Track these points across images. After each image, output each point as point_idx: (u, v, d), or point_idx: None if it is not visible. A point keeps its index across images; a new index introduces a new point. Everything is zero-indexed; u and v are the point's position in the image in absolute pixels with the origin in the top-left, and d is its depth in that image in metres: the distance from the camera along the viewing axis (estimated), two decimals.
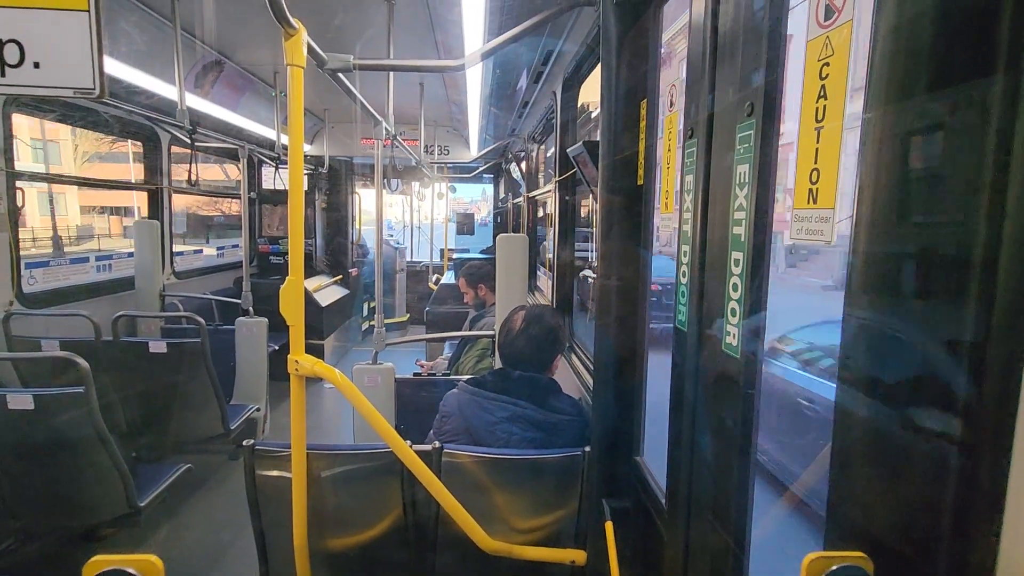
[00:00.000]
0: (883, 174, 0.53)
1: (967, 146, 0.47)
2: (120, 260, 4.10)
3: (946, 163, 0.49)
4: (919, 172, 0.51)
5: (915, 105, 0.50)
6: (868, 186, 0.55)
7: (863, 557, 0.36)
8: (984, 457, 0.44)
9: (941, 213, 0.49)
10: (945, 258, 0.48)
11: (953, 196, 0.49)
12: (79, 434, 2.10)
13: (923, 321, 0.50)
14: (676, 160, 1.18)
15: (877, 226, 0.54)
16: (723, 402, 0.92)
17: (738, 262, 0.87)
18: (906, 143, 0.51)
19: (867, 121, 0.55)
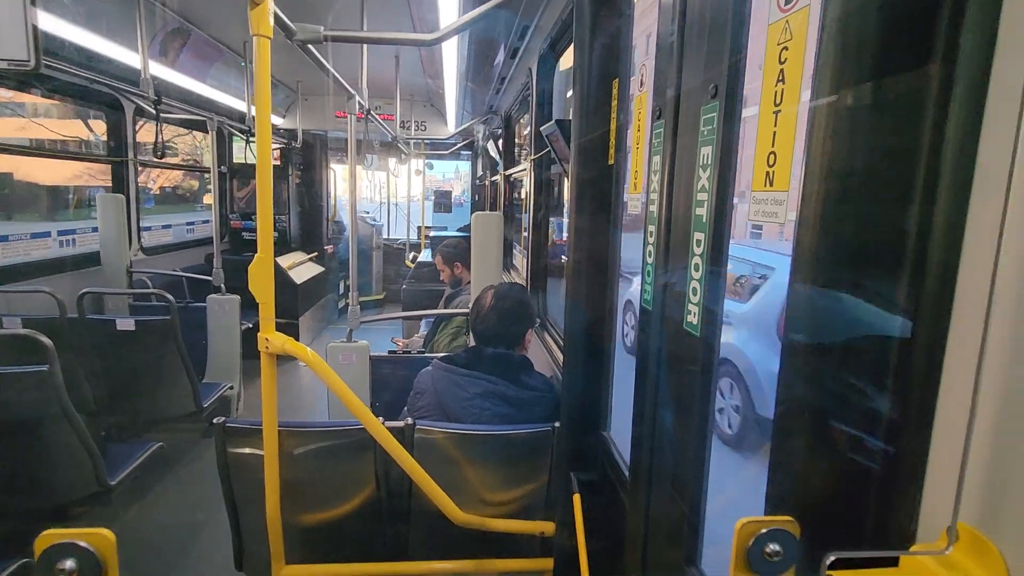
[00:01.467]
0: (828, 159, 0.55)
1: (905, 131, 0.49)
2: (84, 235, 3.98)
3: (885, 149, 0.51)
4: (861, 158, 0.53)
5: (858, 93, 0.51)
6: (814, 169, 0.57)
7: (790, 521, 0.39)
8: (909, 428, 0.47)
9: (879, 196, 0.52)
10: (881, 242, 0.51)
11: (891, 181, 0.51)
12: (44, 413, 2.07)
13: (860, 302, 0.52)
14: (645, 140, 1.19)
15: (821, 207, 0.56)
16: (683, 378, 0.95)
17: (700, 243, 0.89)
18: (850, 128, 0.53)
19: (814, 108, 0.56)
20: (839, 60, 0.53)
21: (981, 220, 0.42)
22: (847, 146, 0.53)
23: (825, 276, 0.55)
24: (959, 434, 0.42)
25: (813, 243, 0.56)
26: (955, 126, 0.44)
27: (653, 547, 1.07)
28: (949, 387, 0.44)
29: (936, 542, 0.44)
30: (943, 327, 0.44)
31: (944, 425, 0.45)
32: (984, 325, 0.39)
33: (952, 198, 0.44)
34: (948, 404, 0.44)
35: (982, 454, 0.41)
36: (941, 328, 0.44)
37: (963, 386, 0.42)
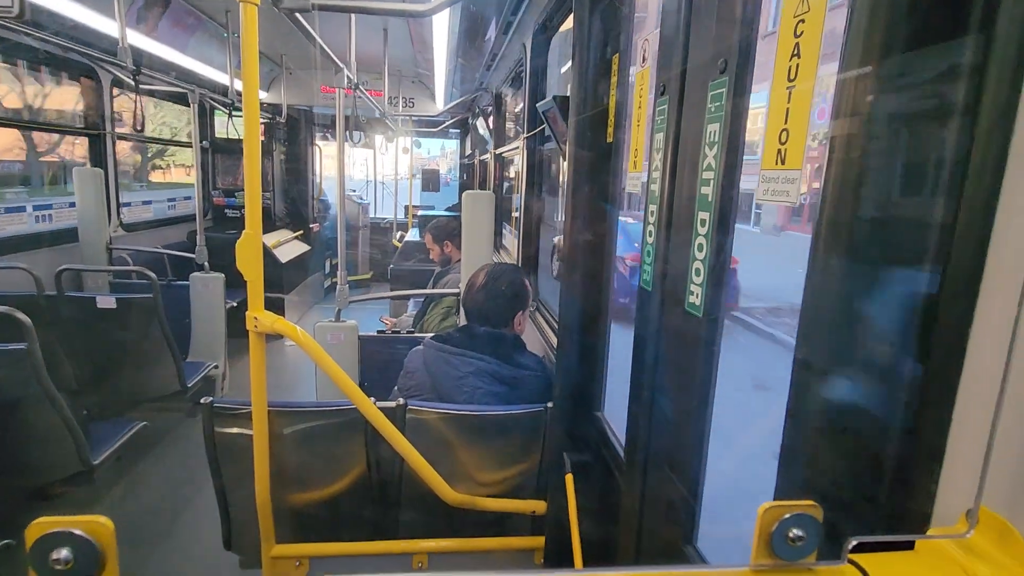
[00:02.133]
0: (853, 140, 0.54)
1: (937, 110, 0.47)
2: (61, 210, 3.86)
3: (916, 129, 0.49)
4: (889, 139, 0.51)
5: (889, 67, 0.49)
6: (839, 149, 0.55)
7: (813, 505, 0.38)
8: (929, 412, 0.47)
9: (907, 174, 0.50)
10: (907, 223, 0.49)
11: (920, 158, 0.49)
12: (23, 392, 2.01)
13: (881, 284, 0.51)
14: (646, 117, 1.16)
15: (846, 191, 0.54)
16: (684, 361, 0.94)
17: (704, 222, 0.88)
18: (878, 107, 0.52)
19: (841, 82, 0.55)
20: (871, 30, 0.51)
21: (1013, 202, 0.41)
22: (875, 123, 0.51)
23: (845, 256, 0.53)
24: (984, 415, 0.41)
25: (834, 222, 0.55)
26: (991, 102, 0.42)
27: (649, 527, 1.08)
28: (973, 368, 0.43)
29: (956, 526, 0.43)
30: (969, 307, 0.43)
31: (966, 407, 0.44)
32: (1019, 305, 0.38)
33: (984, 179, 0.43)
34: (971, 385, 0.44)
35: (1007, 436, 0.41)
36: (967, 308, 0.43)
37: (989, 368, 0.41)
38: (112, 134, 4.04)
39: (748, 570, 0.40)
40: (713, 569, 0.41)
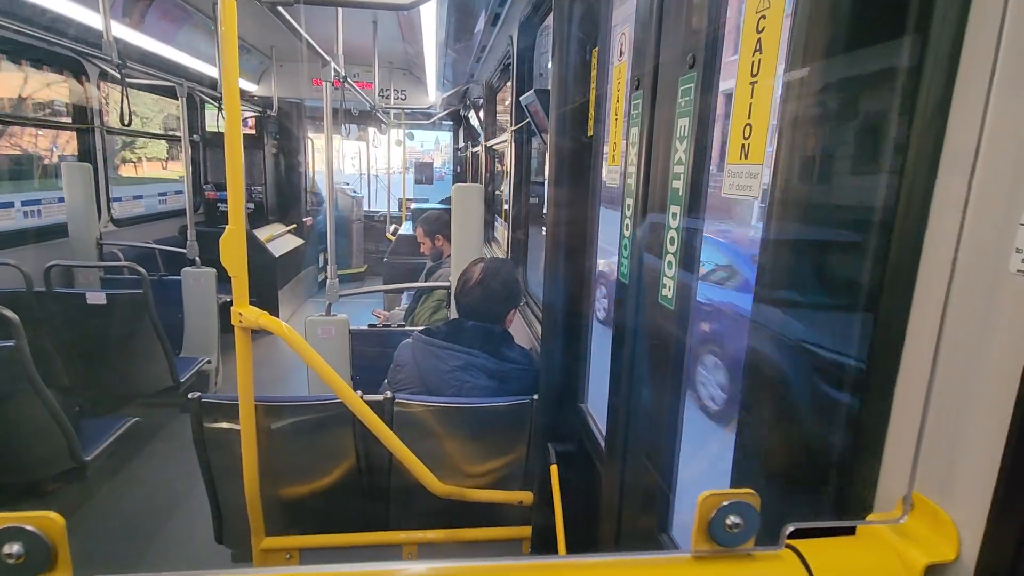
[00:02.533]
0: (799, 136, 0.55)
1: (876, 106, 0.48)
2: (50, 205, 3.85)
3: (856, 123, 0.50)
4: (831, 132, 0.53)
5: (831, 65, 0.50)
6: (786, 143, 0.56)
7: (751, 493, 0.39)
8: (871, 403, 0.48)
9: (849, 171, 0.51)
10: (848, 218, 0.51)
11: (861, 155, 0.50)
12: (12, 389, 2.02)
13: (826, 278, 0.53)
14: (624, 112, 1.17)
15: (792, 184, 0.55)
16: (657, 351, 0.96)
17: (675, 215, 0.89)
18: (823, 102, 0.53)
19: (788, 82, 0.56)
20: (812, 31, 0.52)
21: (947, 197, 0.42)
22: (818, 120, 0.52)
23: (793, 251, 0.55)
24: (917, 408, 0.42)
25: (782, 217, 0.56)
26: (925, 101, 0.43)
27: (627, 515, 1.10)
28: (910, 362, 0.45)
29: (892, 511, 0.45)
30: (906, 303, 0.45)
31: (903, 399, 0.45)
32: (944, 302, 0.39)
33: (920, 174, 0.44)
34: (908, 379, 0.45)
35: (938, 427, 0.42)
36: (903, 304, 0.45)
37: (923, 361, 0.43)
38: (100, 128, 4.02)
39: (689, 556, 0.42)
40: (658, 555, 0.43)
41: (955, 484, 0.41)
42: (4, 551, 0.33)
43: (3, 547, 0.33)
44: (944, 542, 0.41)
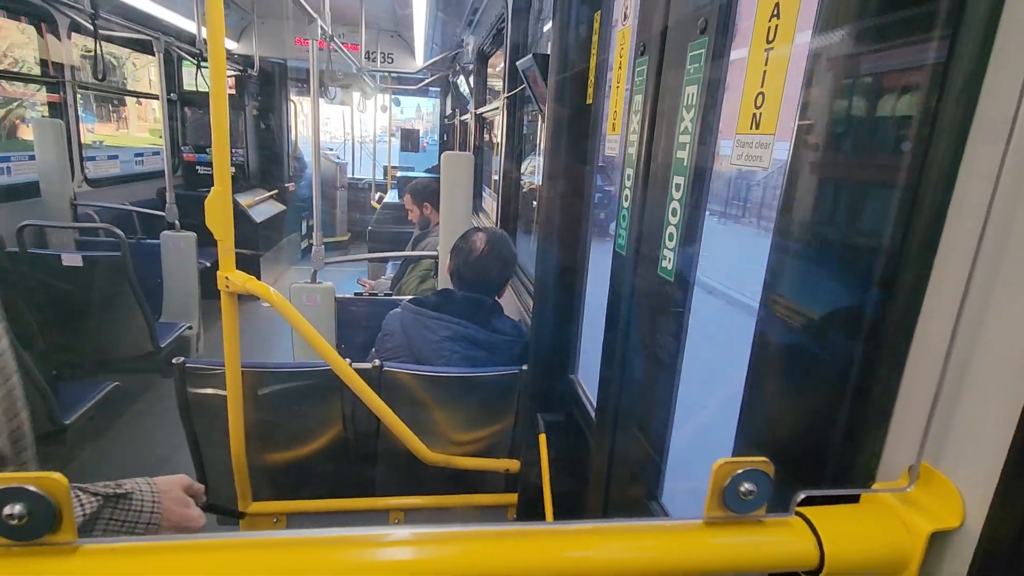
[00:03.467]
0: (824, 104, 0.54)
1: (906, 74, 0.47)
2: (21, 163, 3.69)
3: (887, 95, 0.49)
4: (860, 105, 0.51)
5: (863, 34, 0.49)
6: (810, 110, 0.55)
7: (765, 461, 0.39)
8: (879, 375, 0.48)
9: (872, 138, 0.51)
10: (870, 187, 0.50)
11: (886, 121, 0.49)
12: None
13: (844, 243, 0.52)
14: (626, 79, 1.14)
15: (813, 156, 0.54)
16: (655, 324, 0.96)
17: (679, 186, 0.88)
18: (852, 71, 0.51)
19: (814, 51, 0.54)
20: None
21: (976, 166, 0.41)
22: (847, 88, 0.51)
23: (810, 216, 0.54)
24: (931, 378, 0.43)
25: (801, 184, 0.55)
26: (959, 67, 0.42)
27: (616, 483, 1.11)
28: (926, 332, 0.45)
29: (898, 480, 0.45)
30: (925, 272, 0.44)
31: (916, 369, 0.46)
32: (970, 272, 0.39)
33: (949, 142, 0.43)
34: (923, 348, 0.45)
35: (947, 396, 0.42)
36: (923, 272, 0.44)
37: (941, 331, 0.42)
38: (72, 83, 3.84)
39: (701, 522, 0.42)
40: (669, 521, 0.43)
41: (963, 454, 0.42)
42: (5, 512, 0.31)
43: (4, 508, 0.31)
44: (949, 510, 0.42)
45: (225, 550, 0.36)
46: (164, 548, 0.35)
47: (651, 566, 0.41)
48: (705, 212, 0.87)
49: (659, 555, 0.41)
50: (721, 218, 8.39)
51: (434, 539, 0.40)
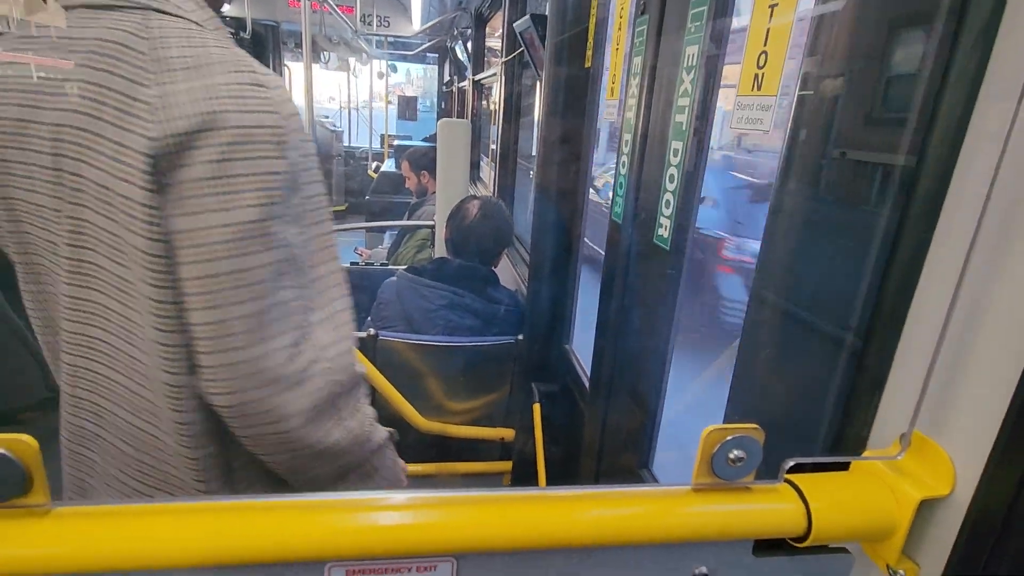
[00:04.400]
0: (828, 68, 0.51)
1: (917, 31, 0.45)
2: None
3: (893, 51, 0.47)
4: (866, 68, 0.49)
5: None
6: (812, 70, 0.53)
7: (756, 428, 0.39)
8: (874, 343, 0.47)
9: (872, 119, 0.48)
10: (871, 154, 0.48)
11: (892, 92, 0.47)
12: None
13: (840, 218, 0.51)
14: (626, 40, 1.10)
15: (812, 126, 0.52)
16: (649, 293, 0.95)
17: (677, 152, 0.85)
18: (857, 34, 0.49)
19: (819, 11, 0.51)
20: None
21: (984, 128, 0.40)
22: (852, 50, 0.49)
23: (808, 183, 0.52)
24: (927, 346, 0.42)
25: (800, 150, 0.53)
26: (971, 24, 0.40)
27: (609, 451, 1.12)
28: (924, 299, 0.44)
29: (889, 448, 0.45)
30: (926, 238, 0.43)
31: (912, 336, 0.45)
32: (972, 239, 0.38)
33: (957, 103, 0.41)
34: (921, 315, 0.44)
35: (943, 364, 0.42)
36: (923, 239, 0.43)
37: (939, 298, 0.41)
38: None
39: (689, 488, 0.42)
40: (657, 487, 0.42)
41: (956, 423, 0.41)
42: None
43: None
44: (939, 478, 0.42)
45: (205, 513, 0.36)
46: (138, 511, 0.34)
47: (639, 531, 0.41)
48: (703, 179, 0.85)
49: (647, 520, 0.41)
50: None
51: (428, 503, 0.40)
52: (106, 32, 0.52)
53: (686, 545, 0.43)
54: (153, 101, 0.49)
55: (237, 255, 0.51)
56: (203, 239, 0.50)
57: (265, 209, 0.51)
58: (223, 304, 0.51)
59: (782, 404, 0.56)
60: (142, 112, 0.49)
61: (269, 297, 0.53)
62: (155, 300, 0.53)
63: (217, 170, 0.50)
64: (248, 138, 0.50)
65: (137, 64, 0.51)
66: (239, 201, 0.50)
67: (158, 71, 0.50)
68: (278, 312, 0.53)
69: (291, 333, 0.54)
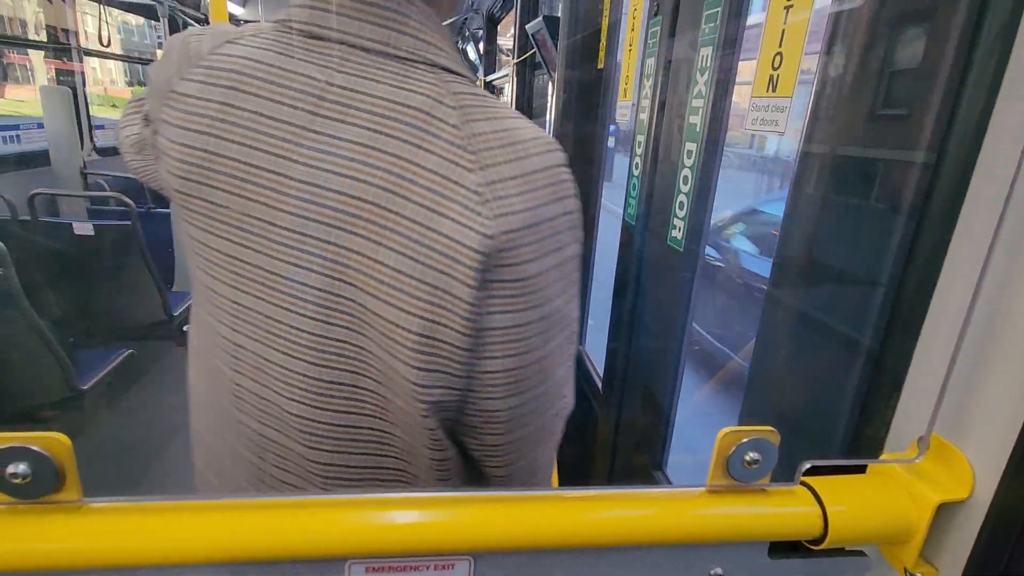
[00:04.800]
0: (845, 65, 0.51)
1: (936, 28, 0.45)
2: (30, 131, 3.69)
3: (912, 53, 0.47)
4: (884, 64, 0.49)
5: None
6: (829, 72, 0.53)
7: (771, 431, 0.39)
8: (893, 345, 0.47)
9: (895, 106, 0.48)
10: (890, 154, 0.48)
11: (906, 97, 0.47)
12: (4, 317, 2.00)
13: (858, 217, 0.51)
14: (639, 41, 1.10)
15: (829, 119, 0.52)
16: (662, 295, 0.95)
17: (691, 153, 0.85)
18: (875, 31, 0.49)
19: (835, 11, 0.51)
20: None
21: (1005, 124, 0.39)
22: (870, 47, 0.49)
23: (824, 189, 0.52)
24: (946, 347, 0.41)
25: (818, 146, 0.53)
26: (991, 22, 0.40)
27: (622, 453, 1.12)
28: (944, 300, 0.43)
29: (907, 451, 0.45)
30: (945, 237, 0.43)
31: (931, 338, 0.45)
32: (992, 238, 0.37)
33: (978, 99, 0.41)
34: (940, 317, 0.44)
35: (963, 367, 0.41)
36: (943, 239, 0.43)
37: (959, 299, 0.41)
38: (78, 49, 3.80)
39: (704, 490, 0.42)
40: (671, 488, 0.43)
41: (975, 426, 0.41)
42: (9, 471, 0.31)
43: (7, 467, 0.31)
44: (958, 482, 0.41)
45: (230, 510, 0.37)
46: (165, 508, 0.35)
47: (653, 532, 0.41)
48: (717, 180, 0.85)
49: (662, 521, 0.41)
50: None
51: (447, 502, 0.40)
52: (398, 93, 0.45)
53: (701, 546, 0.43)
54: (482, 191, 0.43)
55: (544, 343, 0.48)
56: (520, 334, 0.47)
57: (569, 294, 0.49)
58: (526, 390, 0.49)
59: (798, 406, 0.56)
60: (470, 202, 0.43)
61: (557, 371, 0.51)
62: (417, 384, 0.47)
63: (538, 266, 0.45)
64: (561, 228, 0.47)
65: (452, 140, 0.44)
66: (552, 292, 0.47)
67: (477, 151, 0.44)
68: (558, 385, 0.53)
69: (560, 400, 0.54)
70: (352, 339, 0.48)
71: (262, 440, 0.56)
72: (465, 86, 0.47)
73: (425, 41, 0.47)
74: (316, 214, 0.45)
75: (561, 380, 0.53)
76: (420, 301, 0.44)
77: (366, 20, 0.47)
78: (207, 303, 0.56)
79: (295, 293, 0.48)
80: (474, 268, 0.43)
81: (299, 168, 0.46)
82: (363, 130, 0.45)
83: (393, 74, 0.46)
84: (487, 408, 0.50)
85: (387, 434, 0.52)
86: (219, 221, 0.50)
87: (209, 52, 0.51)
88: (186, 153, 0.49)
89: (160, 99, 0.53)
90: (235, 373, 0.54)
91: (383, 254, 0.44)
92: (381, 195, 0.44)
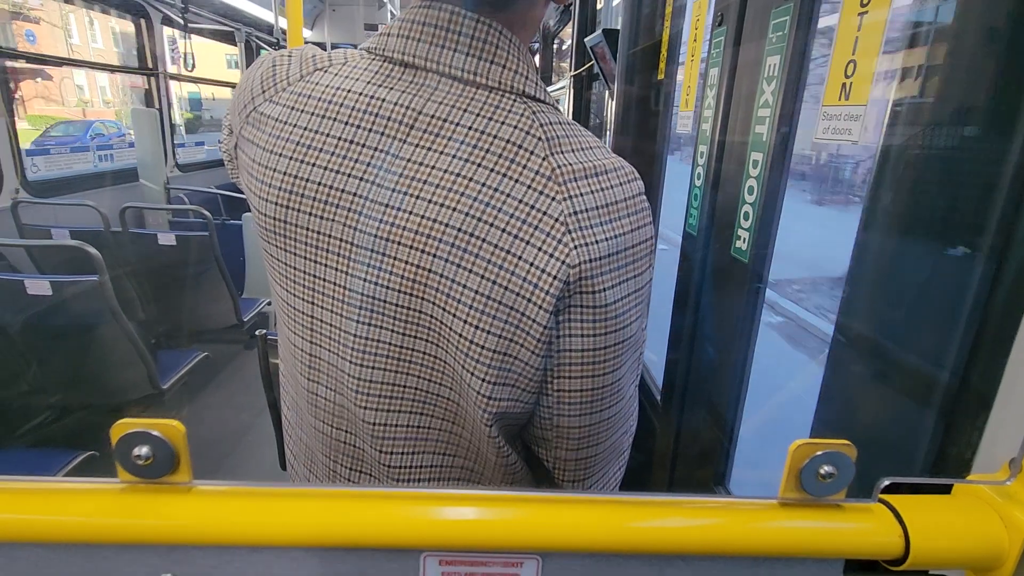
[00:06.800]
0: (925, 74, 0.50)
1: None
2: (121, 150, 4.02)
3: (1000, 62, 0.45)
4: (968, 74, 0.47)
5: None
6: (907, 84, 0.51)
7: (847, 444, 0.38)
8: (981, 360, 0.45)
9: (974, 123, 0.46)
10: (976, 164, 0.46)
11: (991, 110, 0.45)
12: (97, 320, 2.18)
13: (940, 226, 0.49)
14: (701, 52, 1.10)
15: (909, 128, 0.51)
16: (728, 306, 0.93)
17: (756, 163, 0.84)
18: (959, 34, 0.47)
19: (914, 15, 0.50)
20: None
21: None
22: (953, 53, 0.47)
23: (904, 196, 0.51)
24: None
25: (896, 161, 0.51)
26: None
27: (681, 467, 1.10)
28: None
29: (997, 473, 0.43)
30: None
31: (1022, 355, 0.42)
32: None
33: None
34: None
35: None
36: None
37: None
38: (164, 73, 4.12)
39: (776, 503, 0.41)
40: (742, 499, 0.42)
41: None
42: (134, 453, 0.35)
43: (133, 450, 0.35)
44: None
45: (320, 499, 0.40)
46: (263, 493, 0.39)
47: (723, 542, 0.41)
48: (785, 190, 0.83)
49: (731, 531, 0.41)
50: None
51: (514, 500, 0.42)
52: (488, 124, 0.46)
53: (772, 560, 0.42)
54: (568, 221, 0.44)
55: (618, 365, 0.49)
56: (596, 357, 0.48)
57: (643, 319, 0.51)
58: (600, 409, 0.51)
59: (873, 421, 0.54)
60: (558, 232, 0.44)
61: (628, 391, 0.53)
62: (485, 396, 0.49)
63: (616, 293, 0.46)
64: (639, 255, 0.48)
65: (540, 172, 0.45)
66: (628, 317, 0.48)
67: (562, 182, 0.45)
68: (631, 404, 0.55)
69: (631, 419, 0.57)
70: (428, 350, 0.49)
71: (336, 444, 0.58)
72: (552, 115, 0.48)
73: (513, 71, 0.48)
74: (398, 236, 0.46)
75: (631, 399, 0.54)
76: (498, 321, 0.45)
77: (459, 51, 0.48)
78: (285, 316, 0.58)
79: (373, 308, 0.49)
80: (554, 295, 0.44)
81: (384, 192, 0.47)
82: (453, 159, 0.46)
83: (483, 104, 0.47)
84: (561, 424, 0.51)
85: (456, 436, 0.54)
86: (298, 241, 0.52)
87: (298, 79, 0.53)
88: (271, 176, 0.51)
89: (242, 115, 0.55)
90: (310, 383, 0.57)
91: (464, 276, 0.45)
92: (468, 222, 0.45)
